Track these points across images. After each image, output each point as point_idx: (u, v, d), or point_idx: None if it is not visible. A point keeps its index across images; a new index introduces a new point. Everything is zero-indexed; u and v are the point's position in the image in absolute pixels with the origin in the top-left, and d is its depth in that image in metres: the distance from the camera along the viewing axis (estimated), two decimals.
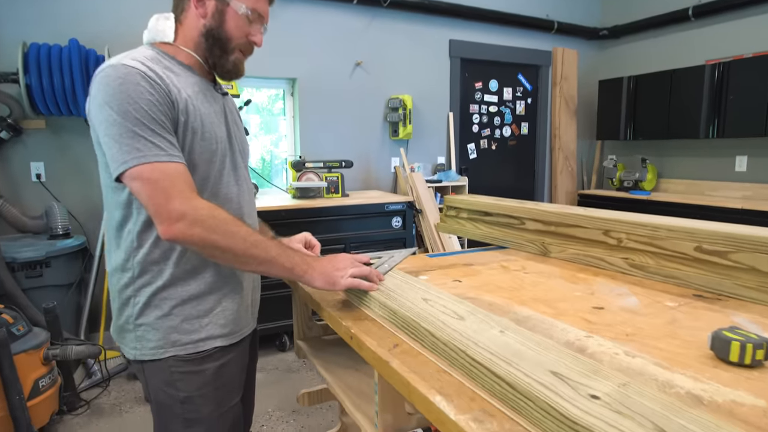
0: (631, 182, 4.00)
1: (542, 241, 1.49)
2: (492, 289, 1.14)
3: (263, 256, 0.92)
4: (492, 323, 0.79)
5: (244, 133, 1.15)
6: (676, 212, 3.36)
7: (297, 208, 2.84)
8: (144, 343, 0.97)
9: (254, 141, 3.60)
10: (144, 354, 0.97)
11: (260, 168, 3.65)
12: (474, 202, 1.73)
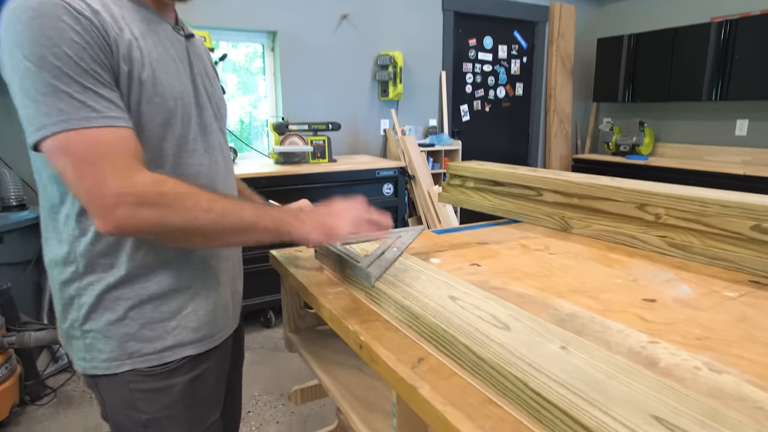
0: (627, 146, 3.86)
1: (562, 215, 1.33)
2: (518, 276, 0.97)
3: (238, 225, 0.73)
4: (545, 333, 0.62)
5: (218, 89, 0.93)
6: (675, 178, 3.24)
7: (280, 174, 2.63)
8: (94, 353, 0.78)
9: (231, 102, 3.33)
10: (95, 367, 0.78)
11: (238, 131, 3.39)
12: (483, 170, 1.55)
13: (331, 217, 0.80)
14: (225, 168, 0.90)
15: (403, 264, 0.90)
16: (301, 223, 0.78)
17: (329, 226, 0.79)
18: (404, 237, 1.04)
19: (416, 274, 0.83)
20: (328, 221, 0.80)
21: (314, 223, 0.79)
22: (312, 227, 0.78)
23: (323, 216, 0.80)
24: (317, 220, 0.79)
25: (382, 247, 0.97)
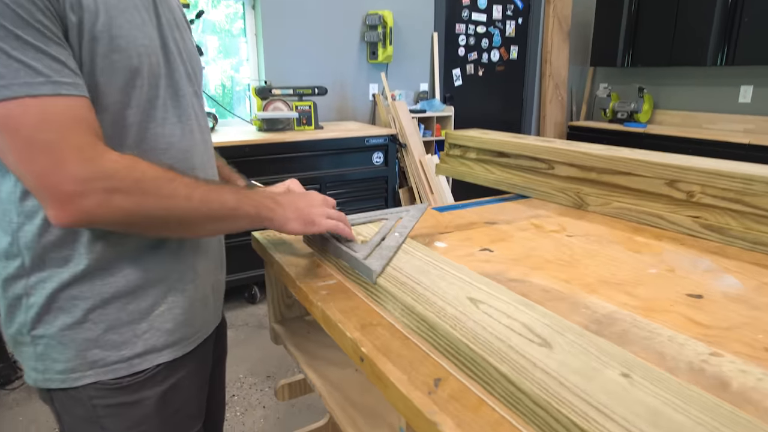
0: (625, 113, 3.73)
1: (577, 191, 1.20)
2: (538, 264, 0.85)
3: (220, 211, 0.65)
4: (598, 353, 0.49)
5: (192, 44, 0.77)
6: (675, 147, 3.13)
7: (263, 142, 2.45)
8: (48, 363, 0.65)
9: (212, 66, 3.10)
10: (50, 380, 0.65)
11: (220, 96, 3.17)
12: (487, 140, 1.40)
13: (310, 206, 0.76)
14: (202, 140, 0.75)
15: (407, 252, 0.76)
16: (282, 209, 0.71)
17: (308, 215, 0.74)
18: (405, 218, 0.90)
19: (424, 267, 0.70)
20: (307, 209, 0.75)
21: (294, 210, 0.73)
22: (293, 215, 0.73)
23: (302, 203, 0.75)
24: (297, 207, 0.74)
25: (382, 232, 0.83)
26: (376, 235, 0.82)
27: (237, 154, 2.36)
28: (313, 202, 0.77)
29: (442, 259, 0.73)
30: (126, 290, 0.66)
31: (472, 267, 0.83)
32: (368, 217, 0.92)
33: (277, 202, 0.71)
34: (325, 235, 0.83)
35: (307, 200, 0.76)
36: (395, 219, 0.90)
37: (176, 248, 0.70)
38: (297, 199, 0.75)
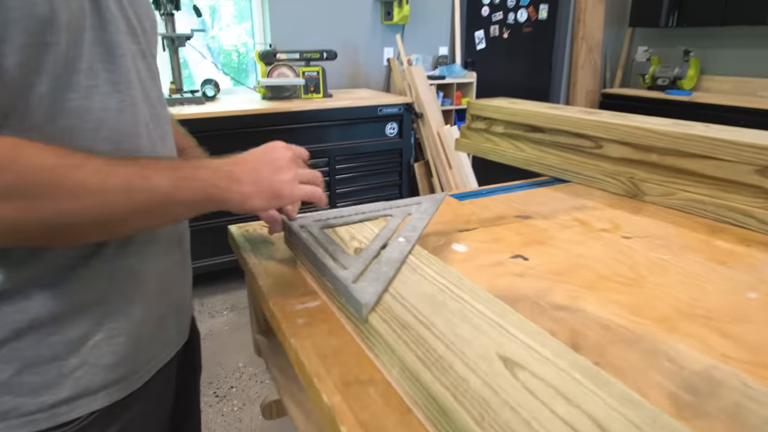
0: (667, 80, 3.39)
1: (632, 176, 0.97)
2: (590, 281, 0.63)
3: (151, 201, 0.47)
4: None
5: None
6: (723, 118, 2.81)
7: (267, 112, 2.24)
8: None
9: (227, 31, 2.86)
10: None
11: (235, 63, 2.95)
12: (517, 110, 1.17)
13: (275, 171, 0.55)
14: (153, 115, 0.56)
15: (415, 268, 0.55)
16: (238, 184, 0.52)
17: (272, 184, 0.54)
18: (416, 215, 0.69)
19: (438, 295, 0.49)
20: (270, 178, 0.54)
21: (254, 183, 0.53)
22: (252, 188, 0.53)
23: (265, 170, 0.55)
24: (257, 179, 0.54)
25: (383, 235, 0.62)
26: (375, 240, 0.61)
27: (238, 125, 2.15)
28: (278, 162, 0.57)
29: (461, 283, 0.52)
30: (47, 317, 0.48)
31: (502, 285, 0.62)
32: (367, 212, 0.71)
33: (231, 177, 0.52)
34: (301, 238, 0.63)
35: (271, 163, 0.56)
36: (402, 215, 0.69)
37: (115, 257, 0.52)
38: (257, 165, 0.55)
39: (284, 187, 0.55)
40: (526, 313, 0.56)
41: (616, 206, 0.92)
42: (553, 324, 0.54)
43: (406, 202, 0.74)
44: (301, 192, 0.56)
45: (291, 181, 0.55)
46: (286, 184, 0.55)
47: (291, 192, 0.55)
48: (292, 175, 0.55)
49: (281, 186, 0.54)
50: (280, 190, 0.54)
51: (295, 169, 0.56)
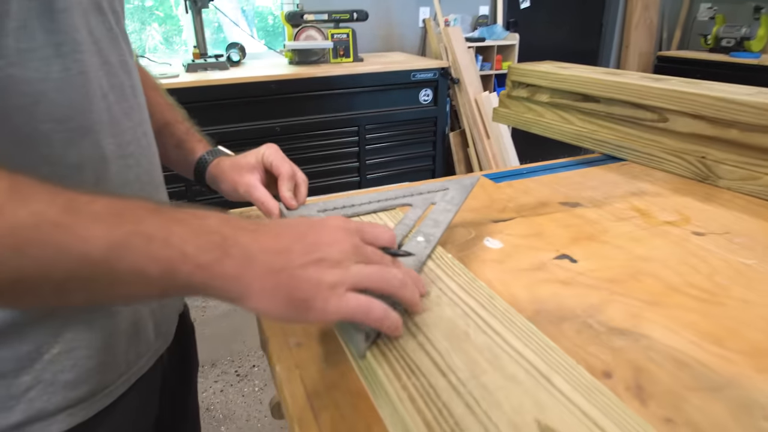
0: (732, 40, 3.06)
1: (703, 156, 0.81)
2: (656, 293, 0.51)
3: (77, 270, 0.30)
4: None
5: None
6: None
7: (293, 78, 2.12)
8: None
9: None
10: None
11: (270, 26, 2.83)
12: (566, 76, 1.01)
13: (307, 254, 0.35)
14: (112, 86, 0.46)
15: (436, 279, 0.44)
16: (238, 263, 0.33)
17: (299, 280, 0.33)
18: (441, 204, 0.57)
19: (462, 324, 0.38)
20: (298, 266, 0.34)
21: (269, 269, 0.33)
22: (262, 280, 0.33)
23: (291, 247, 0.35)
24: (276, 261, 0.34)
25: (399, 231, 0.52)
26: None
27: (262, 91, 2.05)
28: (325, 247, 0.36)
29: (493, 304, 0.40)
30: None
31: (545, 295, 0.50)
32: (382, 199, 0.59)
33: (228, 247, 0.33)
34: None
35: (313, 245, 0.36)
36: (424, 205, 0.57)
37: None
38: (286, 239, 0.35)
39: (318, 294, 0.33)
40: (574, 336, 0.44)
41: (683, 192, 0.78)
42: (610, 356, 0.42)
43: (429, 187, 0.63)
44: (347, 308, 0.34)
45: (333, 286, 0.34)
46: (322, 289, 0.33)
47: (326, 305, 0.33)
48: (338, 276, 0.34)
49: (313, 290, 0.33)
50: (310, 299, 0.33)
51: (349, 264, 0.35)
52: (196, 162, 0.63)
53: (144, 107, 0.52)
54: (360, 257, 0.37)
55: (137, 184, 0.49)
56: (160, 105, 0.64)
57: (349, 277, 0.34)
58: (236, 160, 0.61)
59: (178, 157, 0.65)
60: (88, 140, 0.42)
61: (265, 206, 0.58)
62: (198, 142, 0.65)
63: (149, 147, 0.52)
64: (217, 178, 0.62)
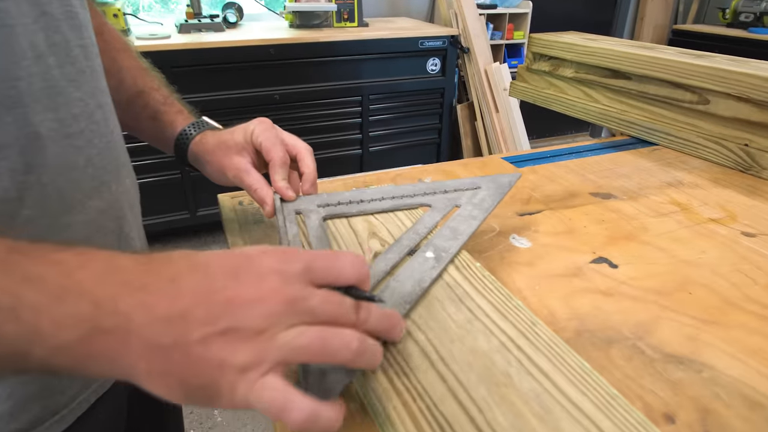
0: (752, 15, 2.92)
1: (746, 143, 0.74)
2: (712, 311, 0.44)
3: None
4: None
5: None
6: None
7: (293, 42, 2.01)
8: None
9: None
10: None
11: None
12: (596, 49, 0.92)
13: (218, 325, 0.24)
14: (54, 43, 0.37)
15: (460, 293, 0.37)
16: (110, 339, 0.24)
17: (195, 349, 0.24)
18: (466, 209, 0.47)
19: (498, 359, 0.31)
20: (205, 350, 0.24)
21: (153, 348, 0.24)
22: (148, 361, 0.24)
23: (194, 309, 0.24)
24: (166, 343, 0.24)
25: (406, 240, 0.42)
26: (391, 249, 0.42)
27: (259, 56, 1.94)
28: (238, 311, 0.25)
29: (537, 333, 0.33)
30: None
31: (585, 310, 0.44)
32: (397, 195, 0.50)
33: (104, 315, 0.24)
34: (282, 231, 0.45)
35: (222, 304, 0.25)
36: (446, 207, 0.48)
37: None
38: (184, 298, 0.25)
39: (222, 380, 0.24)
40: (624, 365, 0.38)
41: (724, 183, 0.70)
42: (669, 391, 0.36)
43: (456, 184, 0.52)
44: (259, 402, 0.24)
45: (244, 369, 0.24)
46: (227, 373, 0.24)
47: (233, 396, 0.24)
48: (252, 354, 0.24)
49: (214, 374, 0.24)
50: (211, 386, 0.24)
51: (275, 332, 0.25)
52: (176, 138, 0.54)
53: (100, 73, 0.43)
54: (299, 315, 0.25)
55: (89, 169, 0.40)
56: (132, 69, 0.55)
57: (270, 353, 0.24)
58: (222, 137, 0.51)
59: (155, 131, 0.56)
60: (12, 115, 0.34)
61: (258, 194, 0.49)
62: (177, 113, 0.55)
63: (106, 123, 0.43)
64: (200, 159, 0.53)
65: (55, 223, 0.37)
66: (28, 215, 0.35)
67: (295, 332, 0.25)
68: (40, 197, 0.36)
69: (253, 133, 0.49)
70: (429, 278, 0.38)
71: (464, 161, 0.78)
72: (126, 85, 0.54)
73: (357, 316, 0.28)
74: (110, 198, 0.43)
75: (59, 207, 0.37)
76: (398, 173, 0.73)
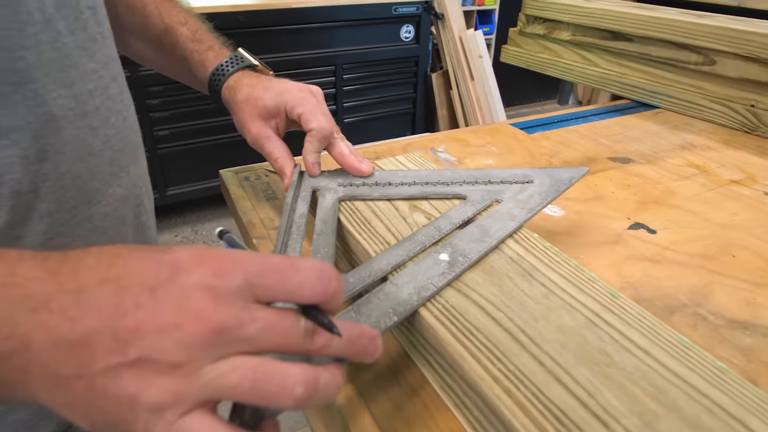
0: None
1: (752, 103, 0.74)
2: (760, 273, 0.43)
3: None
4: None
5: None
6: None
7: (263, 8, 1.90)
8: None
9: None
10: None
11: None
12: (595, 10, 0.90)
13: (127, 354, 0.19)
14: (65, 6, 0.32)
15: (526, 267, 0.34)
16: (8, 366, 0.20)
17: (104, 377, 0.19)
18: (508, 205, 0.40)
19: (588, 334, 0.29)
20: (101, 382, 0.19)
21: (54, 378, 0.20)
22: (50, 391, 0.20)
23: (99, 335, 0.19)
24: (65, 369, 0.19)
25: (420, 237, 0.36)
26: (401, 243, 0.36)
27: (228, 23, 1.83)
28: (150, 337, 0.19)
29: (619, 306, 0.31)
30: None
31: (636, 278, 0.42)
32: (431, 181, 0.43)
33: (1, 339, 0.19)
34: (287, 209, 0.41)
35: (132, 330, 0.19)
36: (484, 201, 0.40)
37: None
38: (88, 320, 0.19)
39: (135, 418, 0.19)
40: (691, 333, 0.37)
41: (734, 145, 0.70)
42: (742, 358, 0.35)
43: (503, 174, 0.43)
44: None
45: (159, 408, 0.19)
46: (138, 411, 0.19)
47: (150, 426, 0.19)
48: (168, 391, 0.19)
49: (123, 412, 0.19)
50: (120, 424, 0.20)
51: (199, 364, 0.20)
52: (208, 80, 0.48)
53: (111, 39, 0.37)
54: (232, 345, 0.20)
55: (106, 153, 0.35)
56: (157, 2, 0.49)
57: (189, 391, 0.19)
58: (254, 92, 0.46)
59: (188, 74, 0.50)
60: (21, 92, 0.28)
61: (279, 164, 0.45)
62: (208, 50, 0.49)
63: (121, 98, 0.38)
64: (230, 107, 0.48)
65: (72, 216, 0.32)
66: (46, 209, 0.30)
67: (224, 367, 0.20)
68: (58, 188, 0.31)
69: (288, 103, 0.44)
70: (434, 286, 0.31)
71: (474, 128, 0.75)
72: (152, 21, 0.48)
73: (312, 343, 0.22)
74: (129, 183, 0.38)
75: (78, 198, 0.32)
76: (408, 142, 0.70)
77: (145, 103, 1.82)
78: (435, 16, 2.31)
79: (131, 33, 0.51)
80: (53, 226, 0.31)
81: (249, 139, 0.46)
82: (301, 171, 0.46)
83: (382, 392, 0.32)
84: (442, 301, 0.31)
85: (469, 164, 0.63)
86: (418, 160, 0.50)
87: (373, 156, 0.65)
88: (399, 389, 0.32)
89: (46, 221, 0.31)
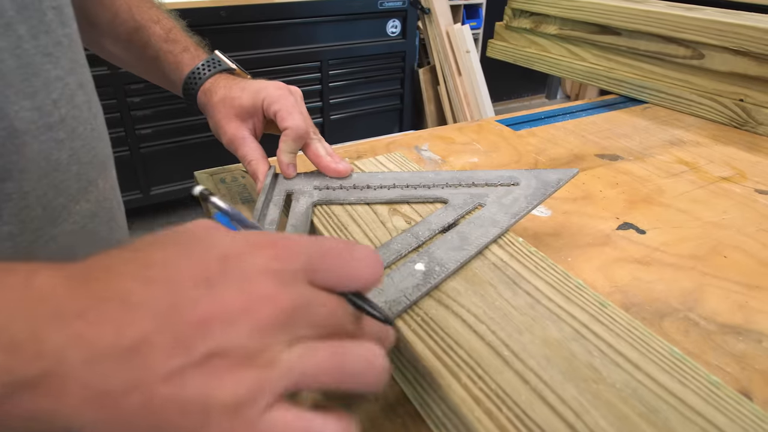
0: None
1: (741, 98, 0.73)
2: (751, 275, 0.42)
3: None
4: None
5: None
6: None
7: (246, 4, 1.86)
8: None
9: None
10: None
11: None
12: (583, 3, 0.88)
13: (193, 352, 0.17)
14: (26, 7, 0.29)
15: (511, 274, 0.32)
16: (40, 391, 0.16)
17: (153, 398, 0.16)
18: (490, 209, 0.38)
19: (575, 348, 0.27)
20: (163, 392, 0.16)
21: (100, 397, 0.16)
22: (95, 412, 0.16)
23: (155, 334, 0.17)
24: (115, 383, 0.16)
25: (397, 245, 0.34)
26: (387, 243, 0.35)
27: (209, 19, 1.79)
28: (218, 328, 0.17)
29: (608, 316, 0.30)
30: None
31: (625, 281, 0.41)
32: (411, 184, 0.41)
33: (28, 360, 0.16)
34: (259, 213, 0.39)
35: (196, 324, 0.17)
36: (468, 206, 0.38)
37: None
38: (140, 321, 0.17)
39: (209, 428, 0.17)
40: (683, 339, 0.35)
41: (723, 141, 0.69)
42: (736, 366, 0.33)
43: (488, 176, 0.41)
44: None
45: (238, 407, 0.17)
46: (215, 418, 0.17)
47: (228, 431, 0.17)
48: (249, 385, 0.17)
49: (197, 423, 0.17)
50: (190, 419, 0.17)
51: (276, 352, 0.18)
52: (183, 83, 0.47)
53: (78, 42, 0.35)
54: (302, 328, 0.19)
55: (73, 167, 0.32)
56: (125, 3, 0.46)
57: (271, 380, 0.17)
58: (230, 92, 0.44)
59: (160, 74, 0.48)
60: None
61: (252, 167, 0.43)
62: (183, 52, 0.47)
63: (89, 106, 0.35)
64: (205, 111, 0.46)
65: (37, 238, 0.30)
66: (8, 232, 0.28)
67: (302, 350, 0.18)
68: (21, 208, 0.28)
69: (265, 100, 0.42)
70: (408, 299, 0.29)
71: (459, 125, 0.73)
72: (121, 18, 0.46)
73: (359, 329, 0.21)
74: (98, 197, 0.35)
75: (43, 218, 0.30)
76: (391, 140, 0.67)
77: (126, 101, 1.78)
78: (421, 11, 2.29)
79: (99, 29, 0.49)
80: (17, 249, 0.29)
81: (224, 140, 0.45)
82: (275, 173, 0.44)
83: (358, 408, 0.30)
84: (420, 312, 0.29)
85: (454, 162, 0.61)
86: (399, 160, 0.48)
87: (355, 155, 0.62)
88: (376, 405, 0.30)
89: (8, 245, 0.28)
